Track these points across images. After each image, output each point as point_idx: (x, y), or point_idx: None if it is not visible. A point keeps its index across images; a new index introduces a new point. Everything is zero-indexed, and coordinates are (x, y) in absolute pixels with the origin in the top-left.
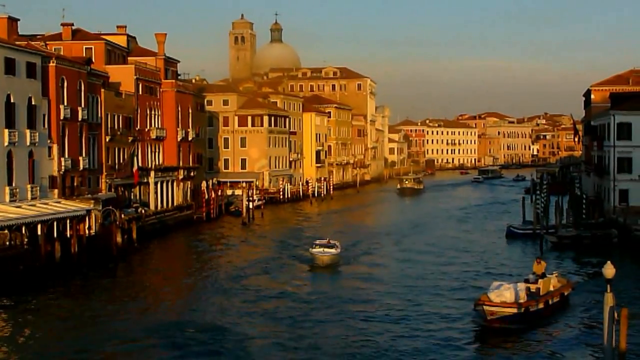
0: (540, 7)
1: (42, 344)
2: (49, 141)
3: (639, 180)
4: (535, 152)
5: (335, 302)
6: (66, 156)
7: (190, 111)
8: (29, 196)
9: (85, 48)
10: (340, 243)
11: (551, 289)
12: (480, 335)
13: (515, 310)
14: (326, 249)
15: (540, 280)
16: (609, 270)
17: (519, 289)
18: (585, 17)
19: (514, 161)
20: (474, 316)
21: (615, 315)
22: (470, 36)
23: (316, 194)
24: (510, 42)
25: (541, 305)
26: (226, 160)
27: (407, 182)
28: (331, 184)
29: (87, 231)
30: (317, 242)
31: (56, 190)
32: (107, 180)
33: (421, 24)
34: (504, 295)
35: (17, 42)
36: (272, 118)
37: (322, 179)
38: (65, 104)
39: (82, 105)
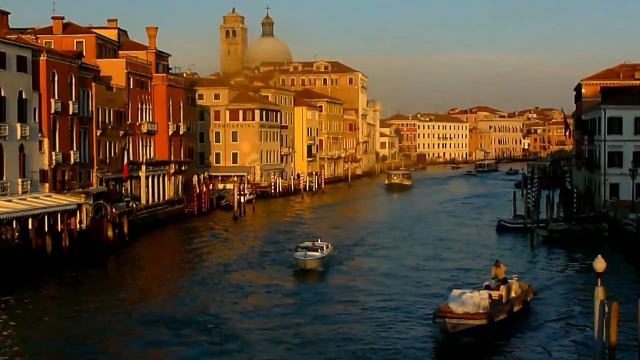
0: (531, 1)
1: (32, 338)
2: (39, 135)
3: (629, 175)
4: (526, 147)
5: (307, 309)
6: (57, 150)
7: (181, 105)
8: (20, 190)
9: (76, 42)
10: (331, 243)
11: (513, 295)
12: (442, 350)
13: (480, 322)
14: (310, 252)
15: (502, 287)
16: (599, 264)
17: (481, 297)
18: (576, 11)
19: (504, 155)
20: (435, 329)
21: (606, 308)
22: (461, 30)
23: (307, 188)
24: (501, 37)
25: (505, 315)
26: (217, 155)
27: (395, 177)
28: (323, 178)
29: (78, 225)
30: (302, 244)
31: (47, 185)
32: (98, 175)
33: (412, 18)
34: (467, 304)
35: (7, 36)
36: (264, 112)
37: (314, 173)
38: (56, 97)
39: (73, 99)
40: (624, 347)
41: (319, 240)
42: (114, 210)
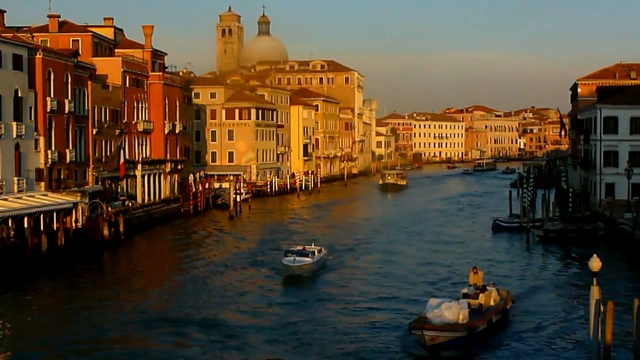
0: (528, 1)
1: (28, 336)
2: (35, 134)
3: (625, 174)
4: (522, 146)
5: (279, 319)
6: (53, 149)
7: (177, 104)
8: (16, 189)
9: (72, 40)
10: (325, 246)
11: (492, 303)
12: None
13: (459, 334)
14: (299, 258)
15: (481, 295)
16: (595, 263)
17: (460, 307)
18: (573, 11)
19: (500, 155)
20: (411, 342)
21: (601, 308)
22: (457, 30)
23: (304, 187)
24: (498, 36)
25: (485, 325)
26: (213, 153)
27: (389, 177)
28: (319, 178)
29: (74, 224)
30: (292, 248)
31: (43, 183)
32: (94, 173)
33: (409, 17)
34: (445, 315)
35: (3, 34)
36: (260, 111)
37: (310, 172)
38: (52, 96)
39: (69, 98)
40: (618, 344)
41: (313, 244)
42: (109, 209)
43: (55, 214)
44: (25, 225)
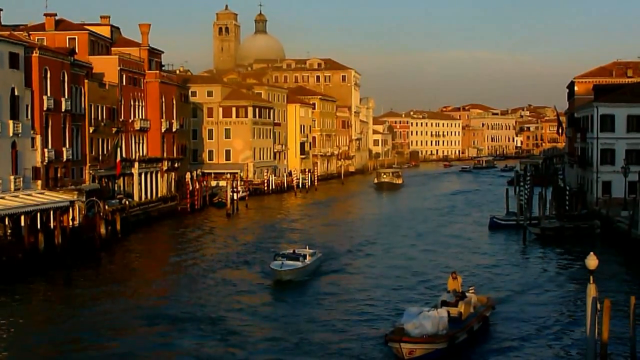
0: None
1: (25, 335)
2: (32, 132)
3: (622, 172)
4: (519, 144)
5: (256, 327)
6: (49, 147)
7: (174, 102)
8: (12, 187)
9: (69, 38)
10: (319, 248)
11: (472, 310)
12: None
13: (439, 345)
14: (287, 262)
15: (460, 303)
16: (591, 261)
17: (440, 315)
18: (569, 10)
19: (497, 153)
20: (387, 354)
21: (598, 306)
22: (454, 28)
23: (300, 186)
24: (494, 35)
25: (466, 334)
26: (210, 152)
27: (385, 176)
28: (316, 176)
29: (70, 222)
30: (282, 252)
31: (39, 181)
32: (91, 172)
33: (406, 16)
34: (424, 326)
35: None
36: (257, 109)
37: (307, 170)
38: (49, 94)
39: (66, 96)
40: (615, 342)
41: (307, 247)
42: (106, 207)
43: (52, 213)
44: (22, 224)
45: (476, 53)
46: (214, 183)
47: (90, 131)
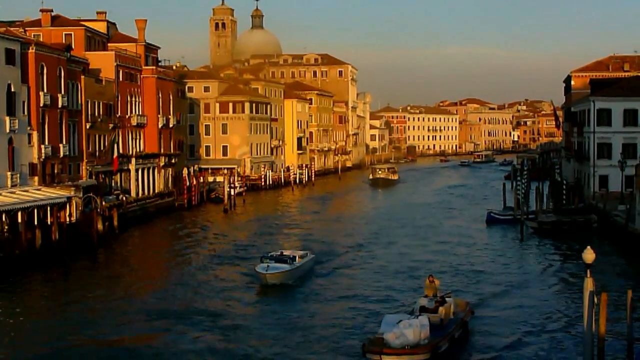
0: None
1: (22, 331)
2: (28, 128)
3: (619, 166)
4: (515, 138)
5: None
6: (46, 143)
7: (171, 98)
8: (9, 183)
9: (65, 34)
10: (310, 249)
11: (451, 316)
12: None
13: (422, 356)
14: (275, 264)
15: (441, 308)
16: (588, 255)
17: (421, 323)
18: (566, 4)
19: (494, 147)
20: None
21: (595, 299)
22: (451, 23)
23: (298, 181)
24: (491, 29)
25: (447, 343)
26: (207, 147)
27: (380, 172)
28: (313, 171)
29: (67, 218)
30: (269, 253)
31: (36, 178)
32: (88, 168)
33: (403, 10)
34: (406, 335)
35: None
36: (254, 105)
37: (304, 165)
38: (45, 90)
39: (62, 92)
40: (613, 337)
41: (300, 248)
42: (103, 203)
43: (49, 209)
44: (19, 220)
45: (473, 48)
46: (211, 179)
47: (87, 127)
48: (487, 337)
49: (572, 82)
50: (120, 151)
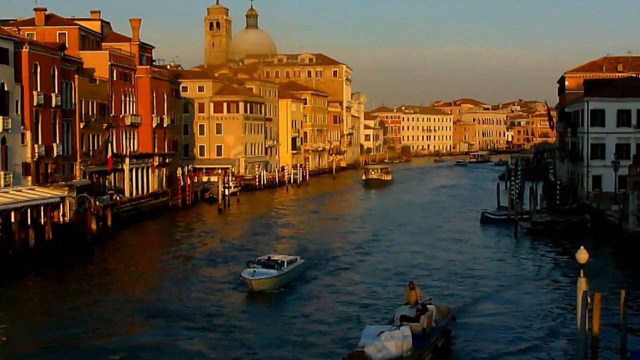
0: None
1: (16, 331)
2: (22, 127)
3: (612, 167)
4: (509, 139)
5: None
6: (40, 143)
7: (165, 97)
8: (2, 183)
9: (59, 33)
10: (300, 254)
11: (433, 324)
12: None
13: None
14: (262, 270)
15: (422, 317)
16: (582, 255)
17: (404, 334)
18: (560, 4)
19: (488, 147)
20: None
21: (588, 299)
22: (446, 23)
23: (292, 181)
24: (486, 29)
25: (431, 354)
26: (202, 147)
27: (373, 172)
28: (307, 171)
29: (61, 218)
30: (256, 258)
31: (30, 177)
32: (82, 167)
33: (397, 10)
34: (387, 348)
35: None
36: (248, 104)
37: (298, 165)
38: (39, 90)
39: (56, 92)
40: (604, 336)
41: (292, 250)
42: (97, 203)
43: (42, 209)
44: (13, 220)
45: (467, 48)
46: (205, 178)
47: (81, 127)
48: (476, 342)
49: (566, 83)
50: (114, 151)
